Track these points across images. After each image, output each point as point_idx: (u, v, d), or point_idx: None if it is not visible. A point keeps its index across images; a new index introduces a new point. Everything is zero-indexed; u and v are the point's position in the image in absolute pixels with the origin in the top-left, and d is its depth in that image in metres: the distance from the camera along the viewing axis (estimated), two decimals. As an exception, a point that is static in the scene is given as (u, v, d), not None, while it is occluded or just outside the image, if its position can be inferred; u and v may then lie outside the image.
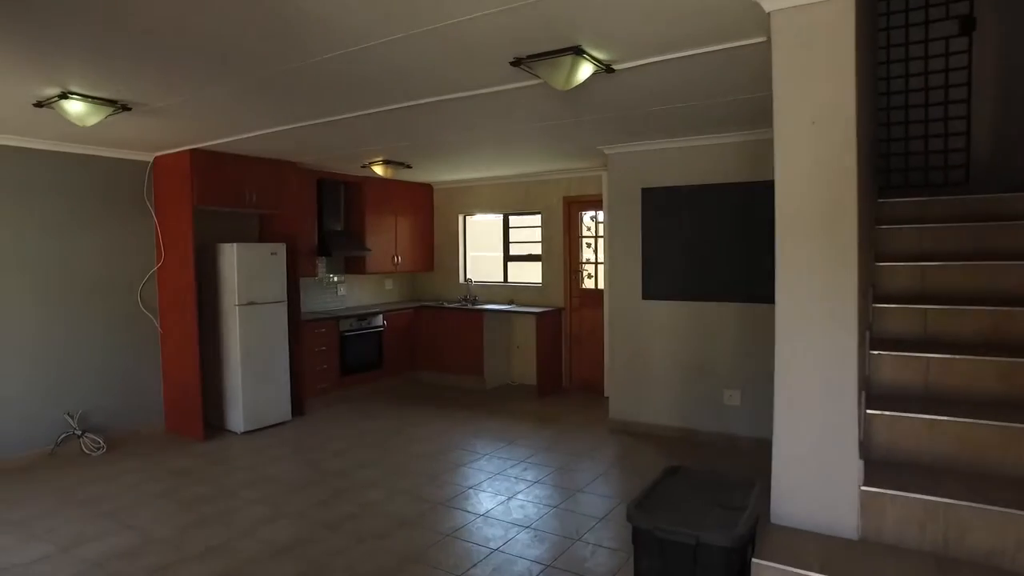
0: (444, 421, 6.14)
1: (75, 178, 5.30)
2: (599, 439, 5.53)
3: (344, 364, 6.88)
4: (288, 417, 6.12)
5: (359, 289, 7.85)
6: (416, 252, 8.15)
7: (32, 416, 5.09)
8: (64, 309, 5.26)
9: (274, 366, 5.99)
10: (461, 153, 5.92)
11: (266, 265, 5.91)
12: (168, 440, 5.63)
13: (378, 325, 7.28)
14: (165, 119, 4.32)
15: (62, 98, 3.69)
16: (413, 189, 8.06)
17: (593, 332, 7.19)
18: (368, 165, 6.36)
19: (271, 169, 6.03)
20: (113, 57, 3.09)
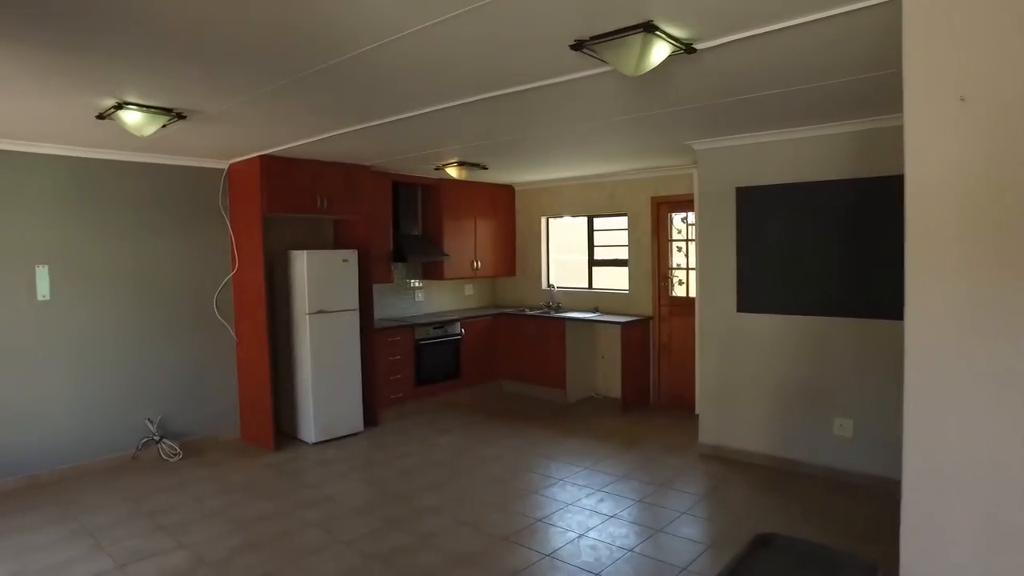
0: (519, 438, 5.74)
1: (154, 187, 5.31)
2: (687, 466, 4.95)
3: (419, 374, 6.63)
4: (360, 428, 5.93)
5: (437, 295, 7.60)
6: (496, 256, 7.81)
7: (116, 420, 5.15)
8: (144, 316, 5.28)
9: (345, 376, 5.81)
10: (535, 152, 5.50)
11: (337, 272, 5.73)
12: (241, 448, 5.57)
13: (455, 333, 6.98)
14: (225, 126, 4.16)
15: (119, 109, 3.60)
16: (493, 191, 7.72)
17: (684, 343, 6.58)
18: (442, 167, 6.06)
19: (343, 173, 5.85)
20: (163, 65, 2.95)
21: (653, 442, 5.56)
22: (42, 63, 2.87)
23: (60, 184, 4.86)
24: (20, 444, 4.72)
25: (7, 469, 4.67)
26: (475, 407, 6.89)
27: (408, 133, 4.52)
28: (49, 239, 4.82)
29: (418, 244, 6.95)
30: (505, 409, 6.80)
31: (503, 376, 7.55)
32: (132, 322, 5.23)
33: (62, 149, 4.81)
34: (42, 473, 4.82)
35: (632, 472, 4.84)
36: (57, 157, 4.83)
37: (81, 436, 4.99)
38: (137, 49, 2.73)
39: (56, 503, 4.41)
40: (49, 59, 2.82)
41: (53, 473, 4.86)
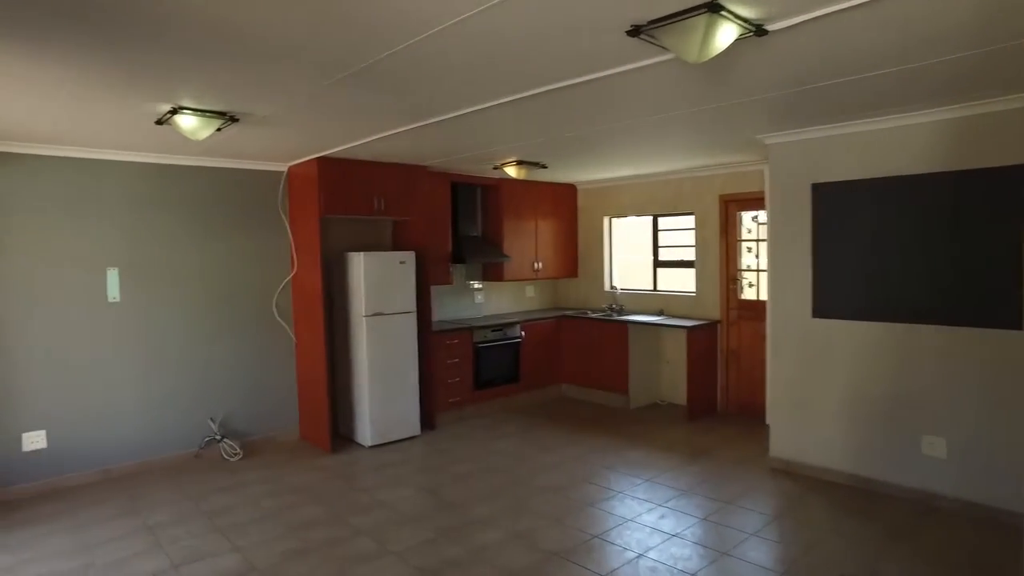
0: (579, 446, 5.52)
1: (217, 191, 5.38)
2: (756, 481, 4.62)
3: (478, 377, 6.50)
4: (417, 432, 5.85)
5: (497, 297, 7.46)
6: (558, 257, 7.61)
7: (181, 419, 5.26)
8: (207, 317, 5.37)
9: (402, 379, 5.74)
10: (595, 150, 5.27)
11: (394, 274, 5.66)
12: (300, 449, 5.58)
13: (515, 336, 6.82)
14: (278, 128, 4.13)
15: (174, 113, 3.61)
16: (555, 190, 7.52)
17: (753, 349, 6.20)
18: (500, 166, 5.91)
19: (400, 174, 5.78)
20: (212, 69, 2.92)
21: (720, 454, 5.24)
22: (100, 70, 2.90)
23: (129, 189, 4.98)
24: (95, 439, 4.87)
25: (85, 462, 4.83)
26: (534, 412, 6.71)
27: (463, 132, 4.39)
28: (119, 243, 4.95)
29: (478, 245, 6.84)
30: (566, 415, 6.59)
31: (564, 380, 7.34)
32: (196, 323, 5.32)
33: (131, 155, 4.93)
34: (113, 467, 4.96)
35: (696, 486, 4.55)
36: (126, 163, 4.95)
37: (149, 433, 5.11)
38: (186, 53, 2.70)
39: (124, 498, 4.51)
40: (107, 66, 2.84)
41: (124, 467, 4.99)
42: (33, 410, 4.65)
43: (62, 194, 4.71)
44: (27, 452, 4.63)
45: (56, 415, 4.73)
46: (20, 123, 3.93)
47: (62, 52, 2.64)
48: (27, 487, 4.62)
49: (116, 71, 2.92)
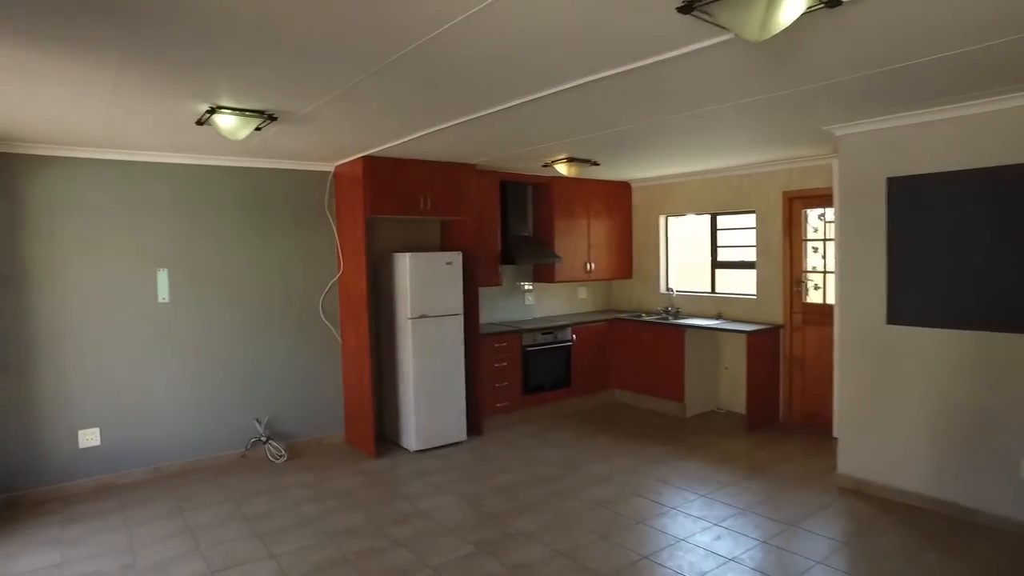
0: (631, 457, 5.24)
1: (264, 191, 5.35)
2: (822, 501, 4.24)
3: (527, 382, 6.29)
4: (463, 437, 5.68)
5: (548, 299, 7.23)
6: (612, 258, 7.32)
7: (228, 419, 5.24)
8: (254, 318, 5.34)
9: (448, 383, 5.58)
10: (649, 145, 4.98)
11: (441, 275, 5.51)
12: (344, 452, 5.48)
13: (566, 339, 6.58)
14: (319, 126, 4.01)
15: (212, 113, 3.54)
16: (608, 188, 7.23)
17: (819, 355, 5.78)
18: (550, 164, 5.68)
19: (448, 173, 5.62)
20: (247, 65, 2.83)
21: (782, 469, 4.86)
22: (138, 71, 2.86)
23: (178, 191, 4.99)
24: (146, 438, 4.90)
25: (137, 460, 4.87)
26: (585, 419, 6.45)
27: (509, 127, 4.19)
28: (168, 244, 4.96)
29: (528, 245, 6.62)
30: (618, 422, 6.30)
31: (616, 386, 7.05)
32: (243, 324, 5.30)
33: (179, 157, 4.94)
34: (164, 465, 4.98)
35: (756, 505, 4.21)
36: (175, 165, 4.96)
37: (197, 433, 5.12)
38: (221, 51, 2.61)
39: (171, 498, 4.51)
40: (144, 66, 2.80)
41: (173, 466, 5.01)
42: (88, 408, 4.70)
43: (114, 196, 4.75)
44: (83, 449, 4.69)
45: (109, 413, 4.78)
46: (73, 128, 3.97)
47: (100, 54, 2.61)
48: (84, 483, 4.68)
49: (153, 71, 2.88)
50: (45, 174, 4.52)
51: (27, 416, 4.51)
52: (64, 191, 4.58)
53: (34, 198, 4.49)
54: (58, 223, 4.56)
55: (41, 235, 4.52)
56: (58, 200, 4.56)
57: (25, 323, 4.49)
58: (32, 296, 4.51)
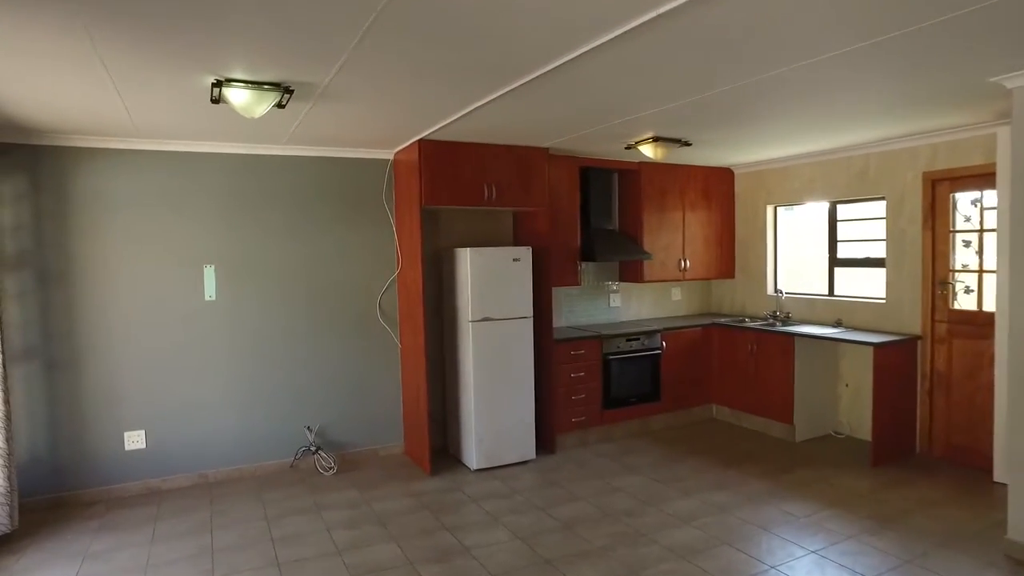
0: (725, 491, 4.34)
1: (318, 182, 4.91)
2: (981, 572, 3.19)
3: (608, 394, 5.50)
4: (531, 455, 4.98)
5: (637, 300, 6.38)
6: (710, 255, 6.36)
7: (277, 426, 4.85)
8: (307, 318, 4.91)
9: (515, 395, 4.90)
10: (752, 117, 4.05)
11: (506, 273, 4.84)
12: (400, 467, 4.93)
13: (655, 346, 5.72)
14: (350, 103, 3.47)
15: (220, 86, 3.05)
16: (707, 175, 6.28)
17: (973, 374, 4.59)
18: (634, 145, 4.87)
19: (515, 158, 4.94)
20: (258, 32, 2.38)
21: (921, 521, 3.79)
22: (112, 37, 2.45)
23: (227, 182, 4.64)
24: (191, 442, 4.59)
25: (181, 465, 4.57)
26: (675, 439, 5.57)
27: (576, 94, 3.42)
28: (216, 238, 4.62)
29: (612, 241, 5.82)
30: (712, 444, 5.38)
31: (714, 401, 6.10)
32: (295, 325, 4.88)
33: (227, 147, 4.58)
34: (210, 472, 4.65)
35: (887, 572, 3.23)
36: (223, 155, 4.61)
37: (244, 440, 4.75)
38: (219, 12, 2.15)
39: (205, 510, 4.15)
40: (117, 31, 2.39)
41: (219, 473, 4.67)
42: (133, 409, 4.44)
43: (160, 189, 4.46)
44: (129, 451, 4.43)
45: (155, 416, 4.50)
46: (106, 117, 3.71)
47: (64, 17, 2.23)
48: (130, 486, 4.43)
49: (128, 38, 2.44)
50: (91, 167, 4.28)
51: (76, 415, 4.30)
52: (109, 184, 4.33)
53: (81, 192, 4.26)
54: (104, 217, 4.32)
55: (88, 230, 4.29)
56: (104, 194, 4.31)
57: (74, 320, 4.28)
58: (80, 292, 4.29)
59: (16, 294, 4.15)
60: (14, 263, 4.14)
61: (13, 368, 4.13)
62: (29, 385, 4.19)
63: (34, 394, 4.21)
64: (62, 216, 4.24)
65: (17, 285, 4.15)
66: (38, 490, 4.22)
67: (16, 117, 3.68)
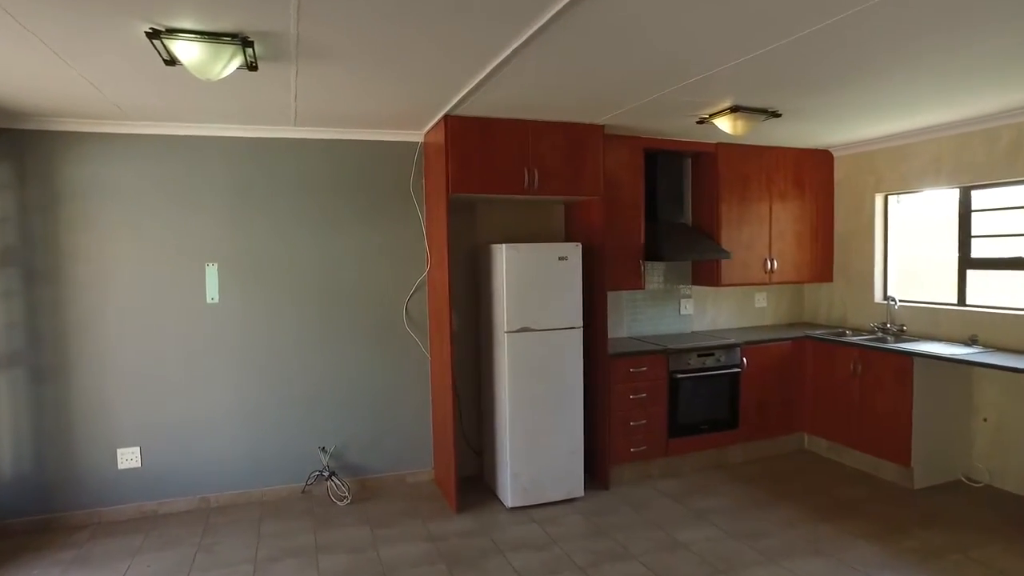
0: (822, 558, 3.29)
1: (336, 169, 4.22)
2: None
3: (674, 420, 4.52)
4: (579, 492, 4.10)
5: (713, 307, 5.35)
6: (802, 254, 5.23)
7: (287, 446, 4.20)
8: (322, 324, 4.23)
9: (560, 419, 4.03)
10: (857, 73, 2.98)
11: (550, 275, 3.99)
12: (424, 498, 4.17)
13: (733, 363, 4.70)
14: (340, 66, 2.73)
15: (162, 37, 2.36)
16: (799, 158, 5.16)
17: None
18: (708, 119, 3.90)
19: (562, 137, 4.06)
20: None
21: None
22: None
23: (232, 169, 4.03)
24: (190, 462, 4.01)
25: (180, 487, 4.00)
26: (756, 475, 4.52)
27: (631, 43, 2.53)
28: (219, 233, 4.02)
29: (683, 236, 4.83)
30: (804, 486, 4.30)
31: (805, 429, 4.99)
32: (309, 331, 4.21)
33: (233, 129, 3.96)
34: (212, 496, 4.06)
35: None
36: (228, 139, 3.99)
37: (250, 461, 4.13)
38: None
39: (193, 543, 3.53)
40: None
41: (222, 498, 4.07)
42: (128, 424, 3.89)
43: (159, 177, 3.89)
44: (122, 470, 3.89)
45: (150, 432, 3.93)
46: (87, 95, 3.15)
47: None
48: (123, 509, 3.89)
49: None
50: (81, 154, 3.75)
51: (64, 428, 3.79)
52: (102, 172, 3.79)
53: (71, 181, 3.75)
54: (97, 209, 3.79)
55: (79, 223, 3.78)
56: (96, 183, 3.79)
57: (63, 323, 3.77)
58: (70, 292, 3.77)
59: (0, 293, 3.70)
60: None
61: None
62: (14, 394, 3.71)
63: (19, 404, 3.73)
64: (50, 208, 3.73)
65: (1, 284, 3.69)
66: (24, 511, 3.74)
67: (-18, 94, 3.19)
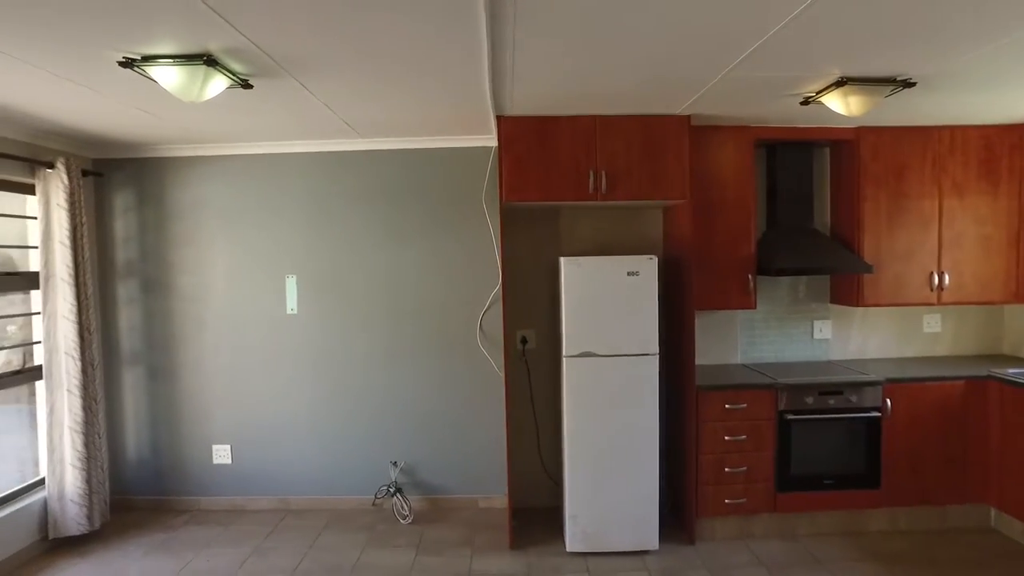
0: None
1: (409, 179, 4.01)
2: None
3: (785, 469, 3.55)
4: (653, 545, 3.39)
5: (861, 332, 4.13)
6: (993, 266, 3.80)
7: (359, 458, 4.12)
8: (393, 338, 4.06)
9: (629, 459, 3.38)
10: None
11: (618, 293, 3.34)
12: (487, 527, 3.76)
13: (870, 405, 3.55)
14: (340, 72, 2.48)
15: (139, 65, 2.30)
16: (992, 138, 3.74)
17: None
18: (814, 98, 2.95)
19: (637, 132, 3.38)
20: None
21: None
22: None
23: (306, 184, 4.03)
24: (272, 464, 4.11)
25: (263, 487, 4.12)
26: (905, 555, 3.35)
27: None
28: (297, 246, 4.05)
29: (808, 245, 3.77)
30: (970, 578, 3.11)
31: (992, 502, 3.62)
32: (381, 344, 4.05)
33: (310, 145, 3.94)
34: (292, 499, 4.10)
35: None
36: (306, 154, 3.99)
37: (325, 470, 4.11)
38: None
39: (253, 544, 3.56)
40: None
41: (300, 501, 4.09)
42: (221, 423, 4.11)
43: (248, 194, 4.03)
44: (216, 465, 4.11)
45: (239, 432, 4.10)
46: (147, 122, 3.33)
47: None
48: (218, 500, 4.12)
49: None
50: (186, 177, 4.04)
51: (173, 422, 4.12)
52: (201, 192, 4.03)
53: (174, 202, 4.05)
54: (194, 226, 4.04)
55: (183, 239, 4.06)
56: (194, 202, 4.04)
57: (170, 327, 4.08)
58: (176, 300, 4.07)
59: (124, 302, 4.09)
60: (123, 272, 4.08)
61: (123, 372, 4.09)
62: (136, 388, 4.10)
63: (140, 397, 4.11)
64: (161, 226, 4.05)
65: (125, 293, 4.08)
66: (142, 490, 4.13)
67: (97, 133, 3.54)
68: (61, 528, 3.59)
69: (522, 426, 4.01)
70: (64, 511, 3.59)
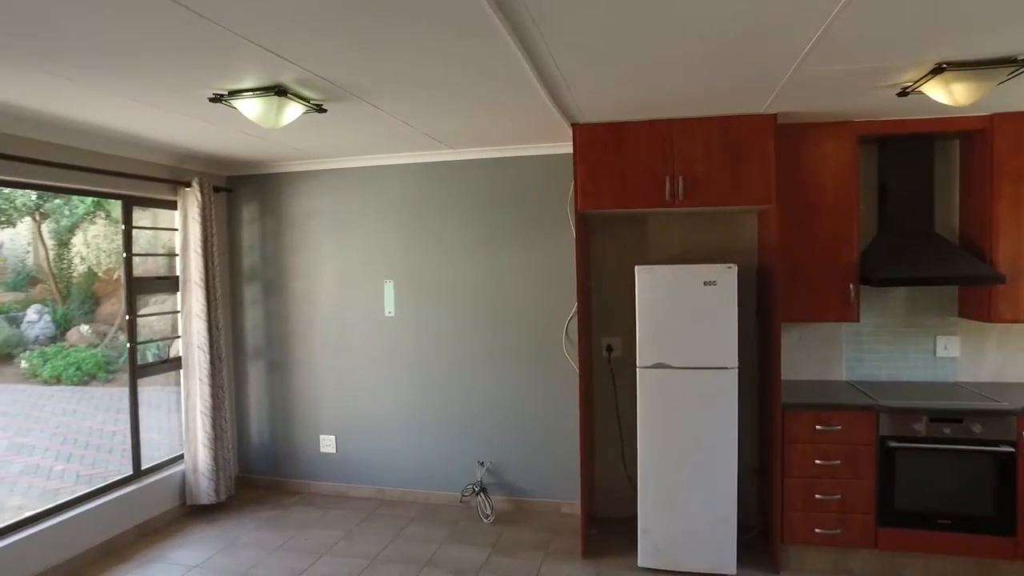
0: None
1: (499, 187, 4.08)
2: None
3: (888, 502, 3.13)
4: (730, 569, 3.15)
5: (998, 351, 3.52)
6: None
7: (449, 455, 4.25)
8: (481, 341, 4.15)
9: (704, 476, 3.18)
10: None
11: (692, 303, 3.16)
12: (564, 534, 3.71)
13: (1002, 437, 3.01)
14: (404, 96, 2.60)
15: (225, 100, 2.58)
16: None
17: None
18: (913, 88, 2.57)
19: (717, 134, 3.17)
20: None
21: None
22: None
23: (403, 193, 4.23)
24: (370, 456, 4.38)
25: (363, 476, 4.39)
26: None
27: None
28: (394, 253, 4.26)
29: (925, 251, 3.28)
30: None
31: None
32: (468, 347, 4.16)
33: (406, 156, 4.15)
34: (387, 489, 4.34)
35: None
36: (400, 166, 4.20)
37: (417, 463, 4.29)
38: None
39: (344, 530, 3.81)
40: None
41: (394, 493, 4.32)
42: (327, 414, 4.44)
43: (352, 204, 4.32)
44: (323, 453, 4.45)
45: (342, 424, 4.41)
46: (249, 142, 3.64)
47: None
48: (324, 486, 4.46)
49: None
50: (301, 189, 4.41)
51: (288, 411, 4.52)
52: (312, 204, 4.38)
53: (289, 212, 4.44)
54: (305, 234, 4.40)
55: (298, 246, 4.44)
56: (306, 212, 4.40)
57: (286, 326, 4.49)
58: (291, 302, 4.47)
59: (249, 303, 4.57)
60: (248, 276, 4.57)
61: (248, 365, 4.56)
62: (258, 379, 4.56)
63: (261, 388, 4.56)
64: (279, 234, 4.46)
65: (250, 295, 4.56)
66: (263, 471, 4.57)
67: (222, 154, 3.99)
68: (195, 496, 4.10)
69: (607, 434, 3.93)
70: (197, 483, 4.10)
